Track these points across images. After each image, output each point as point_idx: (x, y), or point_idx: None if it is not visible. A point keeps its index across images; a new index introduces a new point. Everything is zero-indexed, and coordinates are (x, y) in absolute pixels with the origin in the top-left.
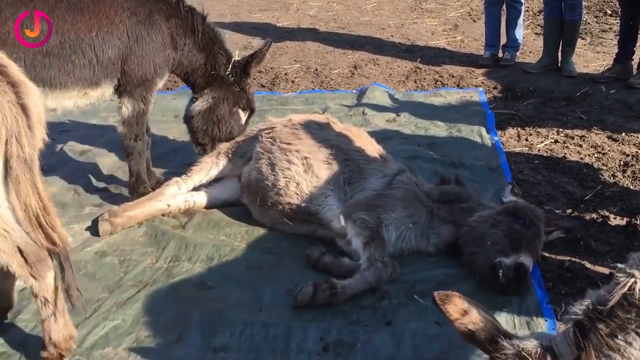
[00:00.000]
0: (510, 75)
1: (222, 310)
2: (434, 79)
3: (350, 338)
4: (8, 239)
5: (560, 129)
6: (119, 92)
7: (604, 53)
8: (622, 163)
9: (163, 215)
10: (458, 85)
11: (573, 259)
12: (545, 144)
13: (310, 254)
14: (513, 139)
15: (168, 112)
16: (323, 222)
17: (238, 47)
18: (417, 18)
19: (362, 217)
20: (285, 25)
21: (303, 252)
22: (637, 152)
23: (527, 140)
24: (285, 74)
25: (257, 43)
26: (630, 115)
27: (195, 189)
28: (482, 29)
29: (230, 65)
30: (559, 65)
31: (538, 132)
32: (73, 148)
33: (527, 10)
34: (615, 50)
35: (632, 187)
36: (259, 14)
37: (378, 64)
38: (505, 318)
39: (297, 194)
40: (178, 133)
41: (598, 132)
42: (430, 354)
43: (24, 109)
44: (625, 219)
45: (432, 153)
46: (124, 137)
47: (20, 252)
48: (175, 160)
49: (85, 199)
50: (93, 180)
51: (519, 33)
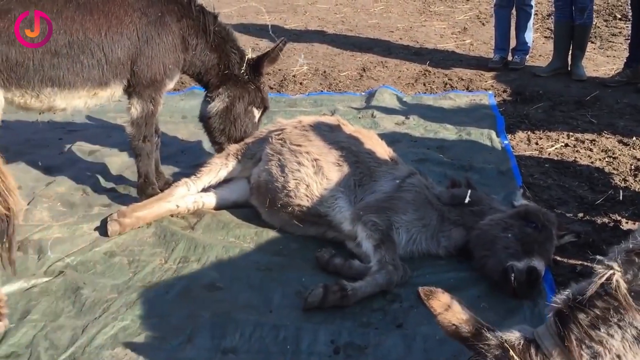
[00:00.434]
0: (520, 79)
1: (231, 312)
2: (443, 82)
3: (361, 340)
4: None
5: (571, 133)
6: (128, 92)
7: (614, 57)
8: (633, 167)
9: (172, 216)
10: (467, 89)
11: (585, 263)
12: (556, 148)
13: (320, 256)
14: (523, 143)
15: (176, 113)
16: (333, 224)
17: (245, 48)
18: (425, 21)
19: (372, 219)
20: (293, 27)
21: (313, 254)
22: None
23: (537, 144)
24: (294, 76)
25: (264, 45)
26: None
27: (204, 190)
28: (491, 32)
29: (245, 64)
30: (569, 69)
31: (548, 135)
32: (81, 148)
33: (536, 14)
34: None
35: None
36: (267, 16)
37: (387, 67)
38: (517, 322)
39: (307, 196)
40: (186, 134)
41: (609, 136)
42: (442, 358)
43: None
44: (637, 224)
45: (441, 156)
46: (133, 138)
47: None
48: (184, 161)
49: (94, 199)
50: (101, 181)
51: (529, 36)
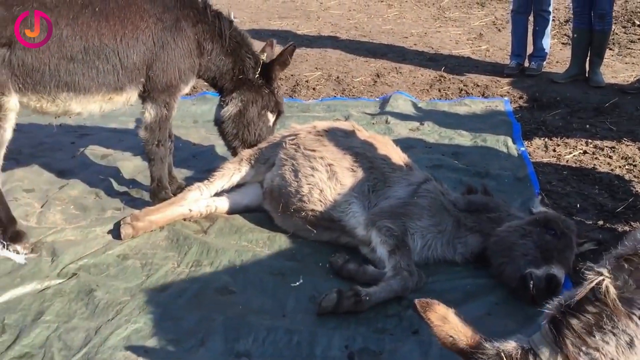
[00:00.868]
0: (537, 85)
1: (244, 316)
2: (459, 88)
3: (376, 346)
4: None
5: (589, 140)
6: (143, 97)
7: (633, 64)
8: None
9: (185, 220)
10: (483, 95)
11: None
12: (574, 155)
13: (334, 261)
14: (540, 150)
15: (187, 117)
16: (346, 229)
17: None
18: (440, 27)
19: (387, 225)
20: (306, 33)
21: (326, 259)
22: None
23: (554, 151)
24: (306, 81)
25: (276, 50)
26: None
27: (217, 194)
28: (507, 38)
29: (259, 68)
30: (587, 76)
31: (566, 142)
32: (94, 152)
33: (553, 20)
34: None
35: None
36: (279, 22)
37: (401, 73)
38: (535, 330)
39: (320, 201)
40: (198, 139)
41: (628, 143)
42: None
43: None
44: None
45: (456, 162)
46: (146, 142)
47: None
48: (196, 166)
49: (107, 203)
50: (114, 184)
51: (546, 42)
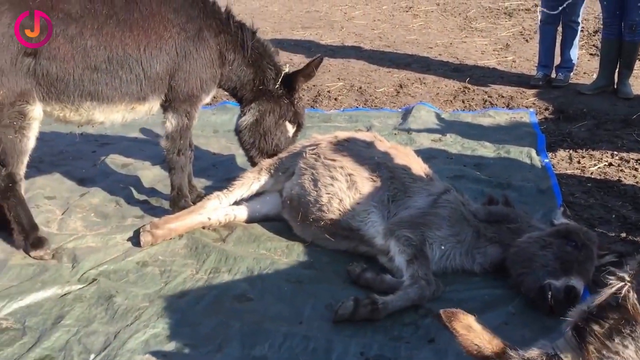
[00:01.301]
0: (563, 97)
1: (261, 322)
2: (483, 99)
3: (392, 354)
4: None
5: (615, 152)
6: (164, 107)
7: None
8: None
9: (204, 229)
10: (508, 106)
11: None
12: (599, 167)
13: (352, 270)
14: (564, 162)
15: (207, 127)
16: (365, 238)
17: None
18: (466, 37)
19: (406, 234)
20: (329, 43)
21: (344, 267)
22: None
23: (579, 163)
24: (328, 92)
25: (298, 60)
26: None
27: (236, 203)
28: (534, 49)
29: (280, 79)
30: (615, 87)
31: (591, 154)
32: (114, 161)
33: (582, 30)
34: None
35: None
36: (302, 32)
37: (425, 83)
38: (553, 340)
39: (339, 210)
40: (218, 148)
41: None
42: None
43: None
44: None
45: (478, 173)
46: (167, 151)
47: None
48: (216, 175)
49: (127, 211)
50: (134, 193)
51: (574, 53)
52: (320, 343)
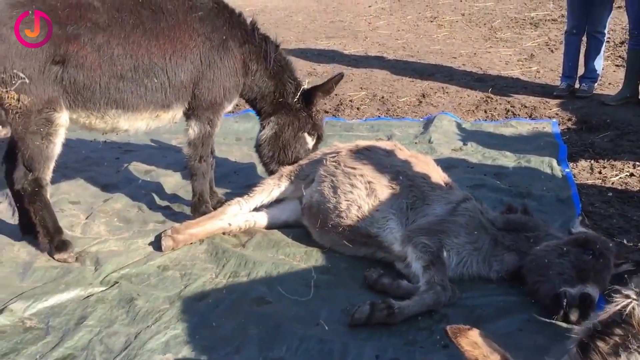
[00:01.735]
0: (587, 107)
1: (279, 325)
2: (505, 109)
3: (407, 358)
4: None
5: (637, 163)
6: (187, 114)
7: None
8: None
9: (224, 234)
10: (530, 116)
11: None
12: (620, 177)
13: (369, 275)
14: (585, 172)
15: (230, 134)
16: (383, 245)
17: (302, 72)
18: (490, 47)
19: (423, 241)
20: (353, 53)
21: (361, 273)
22: None
23: (600, 173)
24: (350, 101)
25: (322, 69)
26: None
27: (256, 210)
28: (559, 60)
29: (299, 94)
30: (639, 98)
31: (613, 165)
32: (137, 167)
33: (608, 41)
34: None
35: None
36: (326, 41)
37: (447, 93)
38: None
39: (358, 217)
40: (239, 155)
41: None
42: None
43: None
44: None
45: (498, 183)
46: (189, 158)
47: None
48: (236, 182)
49: (149, 216)
50: (156, 199)
51: (599, 64)
52: (336, 346)
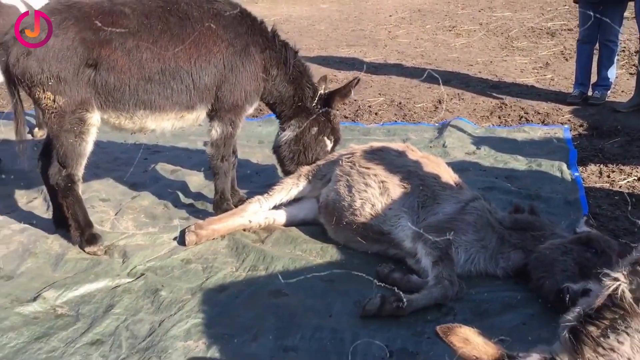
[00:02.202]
0: (599, 114)
1: (294, 316)
2: (519, 115)
3: (414, 347)
4: None
5: None
6: (210, 116)
7: None
8: None
9: (244, 230)
10: (543, 122)
11: None
12: (628, 182)
13: (381, 270)
14: (594, 175)
15: (253, 137)
16: (395, 242)
17: (320, 83)
18: (507, 56)
19: (432, 238)
20: (372, 60)
21: (373, 269)
22: None
23: (608, 177)
24: (369, 106)
25: (342, 76)
26: None
27: (276, 208)
28: (573, 68)
29: (317, 98)
30: None
31: (621, 169)
32: (164, 167)
33: (623, 50)
34: None
35: None
36: (347, 49)
37: (463, 99)
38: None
39: (371, 215)
40: (261, 157)
41: None
42: None
43: None
44: None
45: (509, 185)
46: (212, 157)
47: None
48: (258, 182)
49: (174, 213)
50: (181, 197)
51: (611, 72)
52: (348, 336)
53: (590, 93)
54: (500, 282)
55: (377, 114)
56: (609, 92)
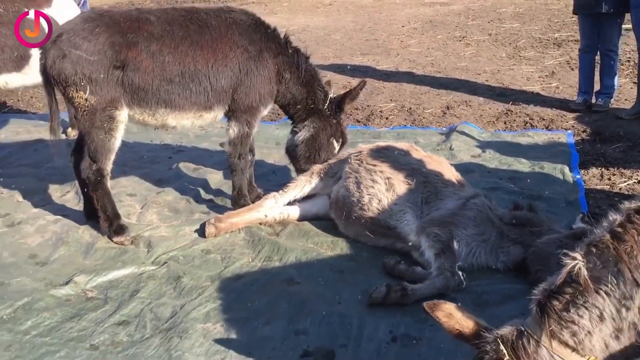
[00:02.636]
0: (602, 120)
1: (305, 302)
2: (524, 121)
3: (417, 333)
4: None
5: None
6: (228, 116)
7: None
8: None
9: (260, 224)
10: (547, 128)
11: None
12: (628, 184)
13: (387, 262)
14: (595, 178)
15: (271, 139)
16: (400, 235)
17: (338, 86)
18: (514, 65)
19: (435, 231)
20: (385, 68)
21: (380, 261)
22: None
23: (609, 180)
24: (380, 111)
25: (356, 83)
26: None
27: (290, 204)
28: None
29: (327, 101)
30: None
31: (622, 173)
32: (187, 166)
33: (628, 60)
34: None
35: None
36: (360, 58)
37: (470, 106)
38: None
39: (378, 209)
40: (278, 158)
41: None
42: None
43: None
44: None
45: (512, 186)
46: (229, 155)
47: None
48: (274, 180)
49: (195, 207)
50: (202, 193)
51: (613, 80)
52: (354, 321)
53: (594, 100)
54: (501, 275)
55: (387, 119)
56: (612, 99)
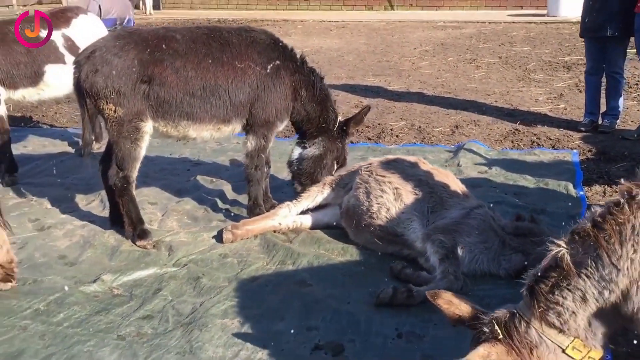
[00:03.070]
0: (607, 141)
1: (317, 302)
2: (531, 140)
3: (421, 331)
4: None
5: None
6: (245, 130)
7: None
8: None
9: (275, 232)
10: (553, 147)
11: None
12: None
13: (394, 266)
14: (598, 195)
15: (284, 155)
16: (407, 242)
17: (350, 105)
18: (523, 87)
19: (440, 238)
20: (396, 89)
21: (388, 267)
22: None
23: (611, 197)
24: (391, 129)
25: (367, 103)
26: None
27: (303, 213)
28: None
29: (337, 123)
30: None
31: None
32: (205, 177)
33: (637, 83)
34: None
35: None
36: (372, 78)
37: (478, 125)
38: None
39: (387, 218)
40: None
41: None
42: None
43: None
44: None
45: (517, 200)
46: (246, 167)
47: None
48: (289, 192)
49: (213, 215)
50: (219, 202)
51: (619, 102)
52: (363, 318)
53: (600, 121)
54: (503, 281)
55: (398, 137)
56: (619, 121)
